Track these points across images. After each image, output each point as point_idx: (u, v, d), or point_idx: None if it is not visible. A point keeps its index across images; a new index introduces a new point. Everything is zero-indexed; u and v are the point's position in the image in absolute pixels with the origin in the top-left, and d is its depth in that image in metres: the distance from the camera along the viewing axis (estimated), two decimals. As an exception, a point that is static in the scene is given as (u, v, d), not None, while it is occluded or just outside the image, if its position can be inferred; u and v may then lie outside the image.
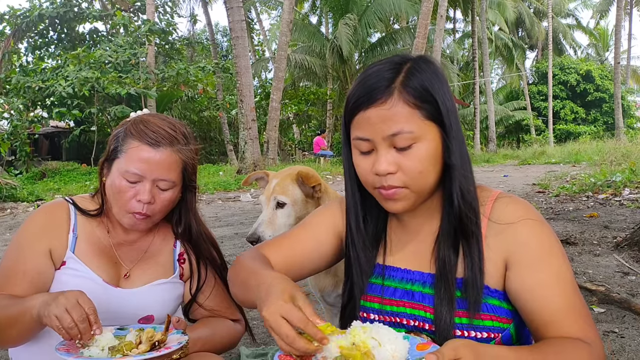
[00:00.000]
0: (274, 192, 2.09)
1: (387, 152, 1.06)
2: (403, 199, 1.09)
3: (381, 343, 0.92)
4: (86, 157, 18.67)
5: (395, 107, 1.03)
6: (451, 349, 0.88)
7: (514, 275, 1.08)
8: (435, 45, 18.65)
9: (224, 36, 34.31)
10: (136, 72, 16.22)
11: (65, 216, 1.45)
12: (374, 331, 0.94)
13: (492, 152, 23.10)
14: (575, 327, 1.03)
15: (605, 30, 41.49)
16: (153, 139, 1.36)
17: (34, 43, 20.00)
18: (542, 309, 1.05)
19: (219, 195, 10.64)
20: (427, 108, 1.05)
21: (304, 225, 1.30)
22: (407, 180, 1.06)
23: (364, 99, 1.06)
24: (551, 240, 1.10)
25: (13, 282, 1.36)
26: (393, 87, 1.04)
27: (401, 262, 1.19)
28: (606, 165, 10.86)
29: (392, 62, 1.09)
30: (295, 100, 23.17)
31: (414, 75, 1.06)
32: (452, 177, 1.09)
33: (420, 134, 1.04)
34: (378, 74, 1.07)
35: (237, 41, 13.30)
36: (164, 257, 1.52)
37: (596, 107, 32.40)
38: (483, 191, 1.17)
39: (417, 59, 1.10)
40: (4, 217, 8.54)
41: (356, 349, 0.90)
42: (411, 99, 1.04)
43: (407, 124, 1.03)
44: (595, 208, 6.54)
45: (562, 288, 1.06)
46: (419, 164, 1.05)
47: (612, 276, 3.63)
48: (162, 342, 1.20)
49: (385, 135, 1.04)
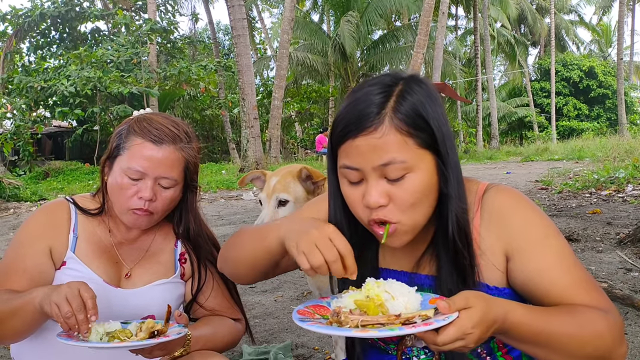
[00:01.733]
0: (275, 190, 2.06)
1: (378, 183, 1.00)
2: (399, 235, 1.04)
3: (394, 296, 0.94)
4: (89, 157, 18.71)
5: (387, 135, 0.98)
6: (463, 298, 0.89)
7: (517, 264, 1.07)
8: (437, 42, 18.63)
9: (225, 34, 34.31)
10: (138, 71, 16.25)
11: (65, 216, 1.45)
12: (388, 286, 0.96)
13: (494, 149, 23.04)
14: (588, 298, 1.02)
15: (608, 27, 41.33)
16: (156, 137, 1.36)
17: (36, 43, 20.06)
18: (551, 291, 1.03)
19: (222, 193, 10.65)
20: (420, 136, 0.99)
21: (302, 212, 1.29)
22: (399, 215, 1.01)
23: (352, 127, 1.00)
24: (545, 222, 1.09)
25: (12, 279, 1.36)
26: (384, 114, 0.98)
27: (396, 265, 1.17)
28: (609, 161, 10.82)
29: (383, 83, 1.03)
30: (297, 98, 23.16)
31: (405, 99, 1.00)
32: (448, 207, 1.04)
33: (414, 164, 0.99)
34: (367, 98, 1.01)
35: (238, 39, 13.30)
36: (165, 256, 1.52)
37: (599, 103, 32.30)
38: (472, 185, 1.14)
39: (408, 79, 1.04)
40: (7, 216, 8.57)
41: (370, 301, 0.93)
42: (403, 126, 0.98)
43: (399, 153, 0.98)
44: (598, 204, 6.52)
45: (567, 266, 1.05)
46: (411, 196, 1.00)
47: (615, 273, 3.62)
48: (162, 332, 1.20)
49: (376, 165, 0.98)
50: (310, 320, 0.96)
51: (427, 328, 0.86)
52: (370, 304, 0.92)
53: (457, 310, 0.87)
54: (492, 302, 0.92)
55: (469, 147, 23.19)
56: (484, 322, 0.88)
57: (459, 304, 0.88)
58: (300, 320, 0.94)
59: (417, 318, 0.89)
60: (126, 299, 1.42)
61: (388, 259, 1.19)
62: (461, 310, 0.88)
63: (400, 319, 0.89)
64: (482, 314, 0.88)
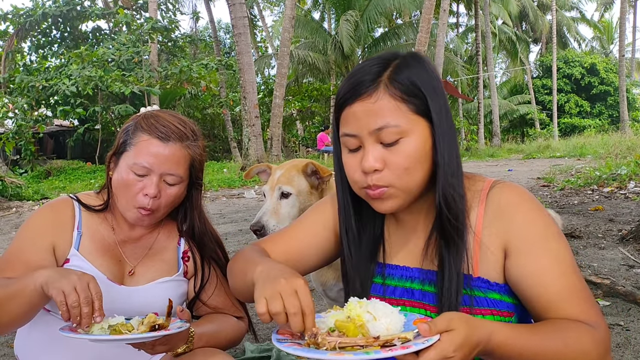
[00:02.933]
0: (279, 182, 2.09)
1: (374, 148, 1.03)
2: (390, 198, 1.06)
3: (376, 317, 0.93)
4: (91, 156, 18.74)
5: (381, 100, 1.01)
6: (445, 320, 0.87)
7: (513, 262, 1.06)
8: (439, 39, 18.60)
9: (226, 33, 34.29)
10: (139, 70, 16.25)
11: (70, 213, 1.46)
12: (370, 306, 0.95)
13: (496, 147, 23.00)
14: (577, 310, 1.01)
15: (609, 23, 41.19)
16: (163, 133, 1.37)
17: (37, 42, 20.04)
18: (542, 294, 1.03)
19: (223, 192, 10.66)
20: (414, 102, 1.02)
21: (300, 221, 1.29)
22: (393, 179, 1.03)
23: (350, 94, 1.04)
24: (548, 223, 1.08)
25: (12, 269, 1.36)
26: (379, 81, 1.03)
27: (400, 260, 1.18)
28: (611, 158, 10.80)
29: (381, 58, 1.08)
30: (298, 96, 23.14)
31: (402, 70, 1.04)
32: (436, 177, 1.05)
33: (407, 129, 1.02)
34: (365, 68, 1.06)
35: (239, 38, 13.30)
36: (169, 254, 1.52)
37: (601, 100, 32.23)
38: (478, 182, 1.15)
39: (407, 55, 1.08)
40: (9, 215, 8.59)
41: (351, 322, 0.91)
42: (398, 92, 1.02)
43: (392, 117, 1.01)
44: (601, 201, 6.52)
45: (562, 271, 1.04)
46: (405, 160, 1.02)
47: (618, 269, 3.62)
48: (163, 327, 1.20)
49: (371, 130, 1.02)
50: (288, 341, 0.94)
51: (404, 352, 0.83)
52: (350, 325, 0.91)
53: (439, 332, 0.86)
54: (476, 324, 0.91)
55: (471, 145, 23.14)
56: (467, 345, 0.87)
57: (441, 327, 0.86)
58: (278, 341, 0.92)
59: (397, 340, 0.87)
60: (129, 296, 1.43)
61: (393, 255, 1.19)
62: (443, 332, 0.86)
63: (379, 341, 0.87)
64: (464, 337, 0.87)
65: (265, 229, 2.02)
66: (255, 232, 2.04)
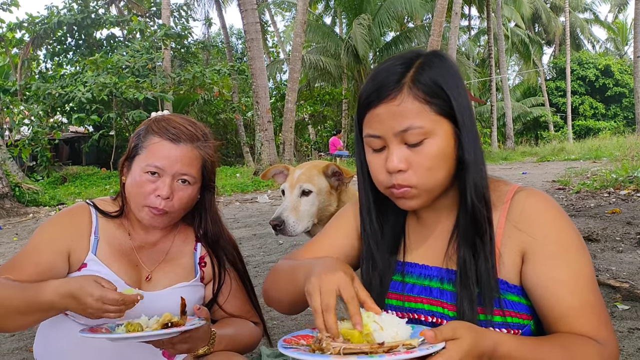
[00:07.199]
0: (299, 180, 2.10)
1: (399, 149, 1.04)
2: (414, 198, 1.07)
3: (383, 327, 0.94)
4: (105, 162, 18.91)
5: (405, 102, 1.02)
6: (450, 329, 0.88)
7: (530, 269, 1.06)
8: (451, 42, 18.52)
9: (238, 39, 34.50)
10: (153, 76, 16.39)
11: (87, 219, 1.47)
12: (378, 317, 0.96)
13: (510, 150, 22.82)
14: (587, 326, 1.01)
15: (624, 24, 40.77)
16: (174, 135, 1.39)
17: (52, 50, 20.33)
18: (554, 306, 1.03)
19: (237, 197, 10.69)
20: (438, 103, 1.03)
21: (324, 231, 1.31)
22: (417, 179, 1.05)
23: (374, 96, 1.05)
24: (570, 234, 1.07)
25: (22, 268, 1.37)
26: (403, 83, 1.03)
27: (419, 258, 1.18)
28: (627, 160, 10.65)
29: (404, 57, 1.08)
30: (310, 101, 23.19)
31: (425, 70, 1.04)
32: (465, 173, 1.07)
33: (431, 129, 1.03)
34: (389, 69, 1.06)
35: (251, 43, 13.36)
36: (185, 259, 1.53)
37: (616, 102, 31.90)
38: (502, 185, 1.15)
39: (429, 54, 1.09)
40: (26, 221, 8.69)
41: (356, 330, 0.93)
42: (421, 94, 1.02)
43: (417, 119, 1.02)
44: (617, 204, 6.43)
45: (578, 285, 1.03)
46: (429, 161, 1.03)
47: (636, 272, 3.57)
48: (178, 325, 1.21)
49: (396, 132, 1.03)
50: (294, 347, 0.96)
51: (409, 356, 0.84)
52: (355, 332, 0.92)
53: (444, 340, 0.87)
54: (481, 333, 0.91)
55: (484, 148, 22.95)
56: (472, 354, 0.88)
57: (446, 335, 0.87)
58: (283, 347, 0.94)
59: (401, 347, 0.88)
60: (146, 301, 1.42)
61: (413, 253, 1.20)
62: (448, 340, 0.87)
63: (383, 347, 0.88)
64: (470, 345, 0.87)
65: (285, 224, 2.03)
66: (275, 227, 2.05)
